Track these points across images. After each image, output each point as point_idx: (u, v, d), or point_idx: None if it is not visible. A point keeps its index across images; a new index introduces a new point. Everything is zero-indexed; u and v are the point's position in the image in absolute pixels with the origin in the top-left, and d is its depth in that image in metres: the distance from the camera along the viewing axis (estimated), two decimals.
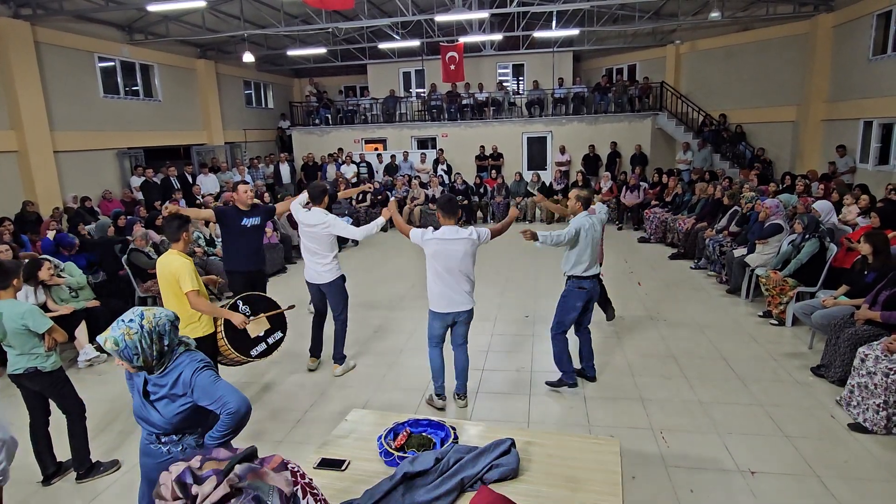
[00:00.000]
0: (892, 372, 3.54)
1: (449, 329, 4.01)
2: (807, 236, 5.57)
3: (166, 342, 2.02)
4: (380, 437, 2.50)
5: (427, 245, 3.77)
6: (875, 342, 3.85)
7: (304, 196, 4.75)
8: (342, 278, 4.69)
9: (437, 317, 3.90)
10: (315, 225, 4.49)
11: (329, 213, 4.53)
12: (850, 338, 4.16)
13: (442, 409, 4.09)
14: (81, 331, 5.23)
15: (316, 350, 4.96)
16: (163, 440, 2.11)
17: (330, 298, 4.72)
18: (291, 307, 4.25)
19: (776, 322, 5.66)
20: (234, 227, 4.62)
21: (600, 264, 4.37)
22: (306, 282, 4.74)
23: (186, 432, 2.13)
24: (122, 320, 1.96)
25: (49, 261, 5.16)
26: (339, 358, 4.83)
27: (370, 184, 7.06)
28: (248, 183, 4.71)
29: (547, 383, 4.40)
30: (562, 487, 2.21)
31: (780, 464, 3.35)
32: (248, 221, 4.62)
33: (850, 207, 6.64)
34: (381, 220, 4.33)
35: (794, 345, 5.18)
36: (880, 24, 9.78)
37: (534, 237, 3.87)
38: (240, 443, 3.78)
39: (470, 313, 3.93)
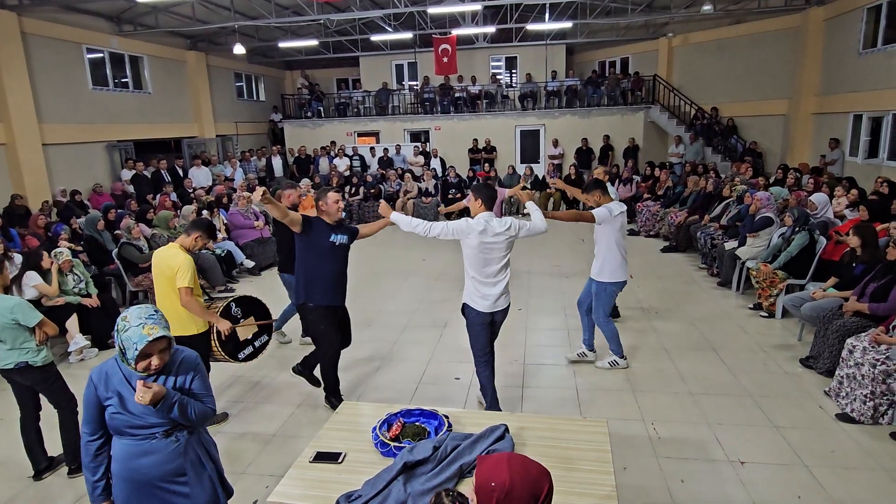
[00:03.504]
0: (880, 363, 3.59)
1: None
2: (797, 229, 5.62)
3: None
4: (374, 429, 2.52)
5: (615, 220, 4.30)
6: (863, 333, 3.91)
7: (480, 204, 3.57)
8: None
9: (618, 286, 4.50)
10: (502, 232, 3.52)
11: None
12: (838, 329, 4.21)
13: (626, 367, 4.59)
14: (72, 323, 5.21)
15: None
16: (157, 436, 2.06)
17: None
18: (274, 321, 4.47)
19: (766, 314, 5.71)
20: (321, 242, 3.77)
21: None
22: (491, 314, 3.65)
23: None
24: (150, 316, 1.99)
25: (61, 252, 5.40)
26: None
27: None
28: (338, 192, 3.89)
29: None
30: (557, 468, 2.27)
31: (768, 454, 3.40)
32: (337, 238, 3.81)
33: (839, 199, 6.69)
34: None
35: (783, 336, 5.24)
36: (870, 17, 9.82)
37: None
38: (237, 440, 3.77)
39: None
